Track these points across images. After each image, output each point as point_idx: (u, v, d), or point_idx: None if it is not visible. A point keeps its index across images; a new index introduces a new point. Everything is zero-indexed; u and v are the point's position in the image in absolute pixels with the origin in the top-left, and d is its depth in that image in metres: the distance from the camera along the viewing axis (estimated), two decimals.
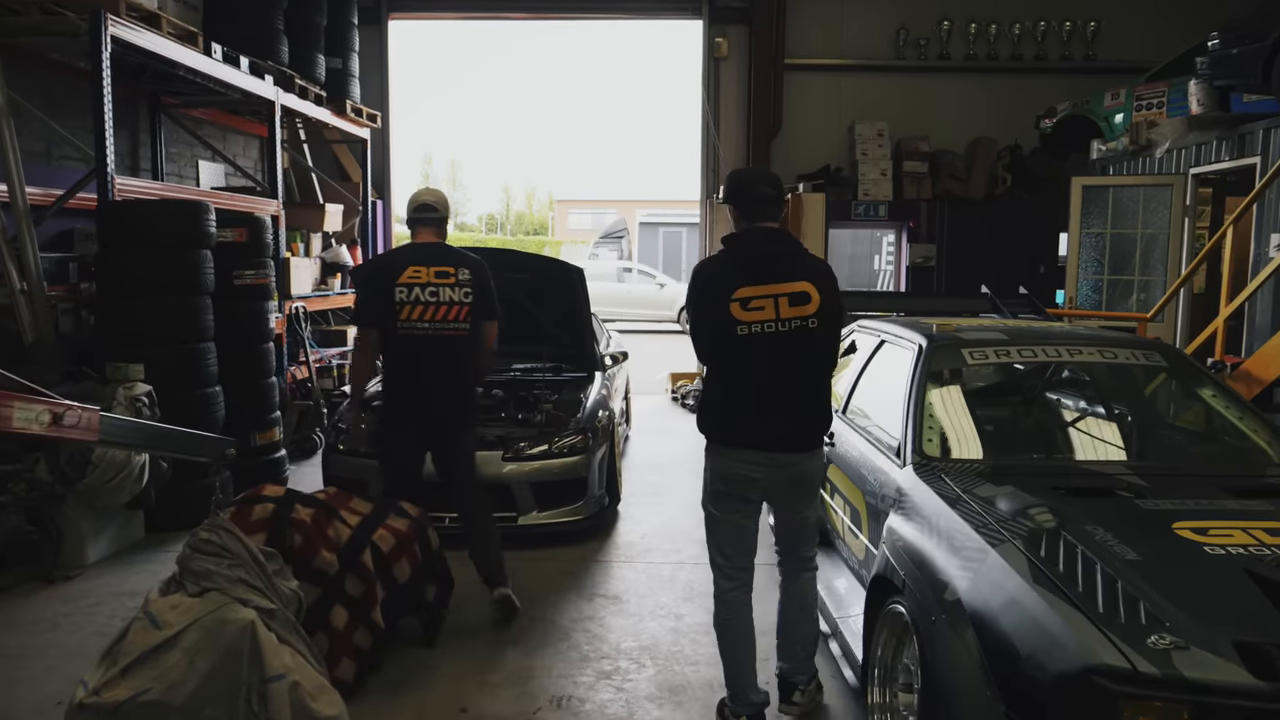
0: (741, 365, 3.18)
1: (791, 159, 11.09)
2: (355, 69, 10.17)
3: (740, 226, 3.30)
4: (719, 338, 3.18)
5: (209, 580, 2.56)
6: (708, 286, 3.22)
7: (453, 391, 4.20)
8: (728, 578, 3.32)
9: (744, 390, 3.20)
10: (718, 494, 3.27)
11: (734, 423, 3.22)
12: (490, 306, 4.27)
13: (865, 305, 7.37)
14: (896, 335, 4.35)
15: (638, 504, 6.35)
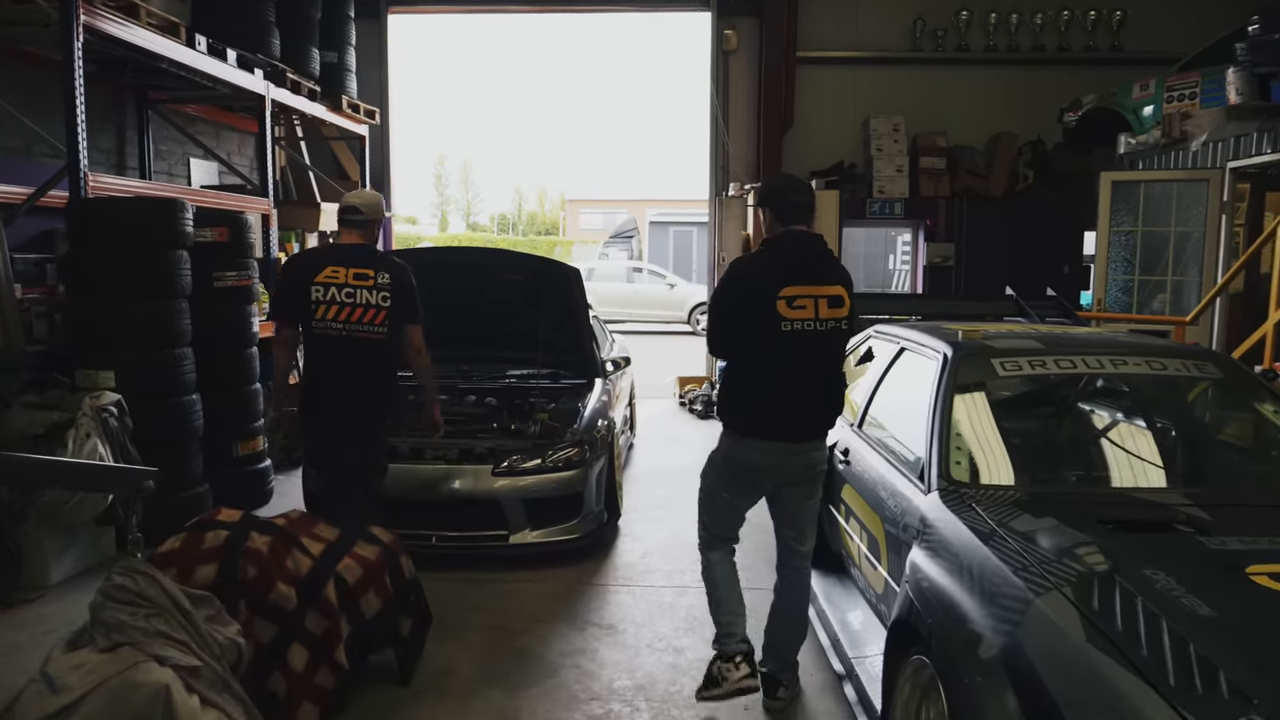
0: (779, 360, 3.30)
1: (804, 155, 10.70)
2: (352, 64, 9.83)
3: (774, 230, 3.41)
4: (758, 333, 3.28)
5: (121, 634, 2.22)
6: (753, 283, 3.33)
7: (363, 394, 4.17)
8: (714, 548, 3.58)
9: (777, 384, 3.32)
10: (729, 477, 3.45)
11: (762, 414, 3.35)
12: (411, 310, 4.24)
13: (881, 308, 6.98)
14: (918, 343, 3.97)
15: (640, 519, 5.98)
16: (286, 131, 10.66)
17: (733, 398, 3.45)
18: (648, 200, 39.40)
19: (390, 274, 4.18)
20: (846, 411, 4.44)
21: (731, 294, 3.38)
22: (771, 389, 3.33)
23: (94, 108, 7.63)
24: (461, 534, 5.02)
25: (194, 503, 5.58)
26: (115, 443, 4.83)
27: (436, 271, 5.60)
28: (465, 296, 5.74)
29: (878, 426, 3.98)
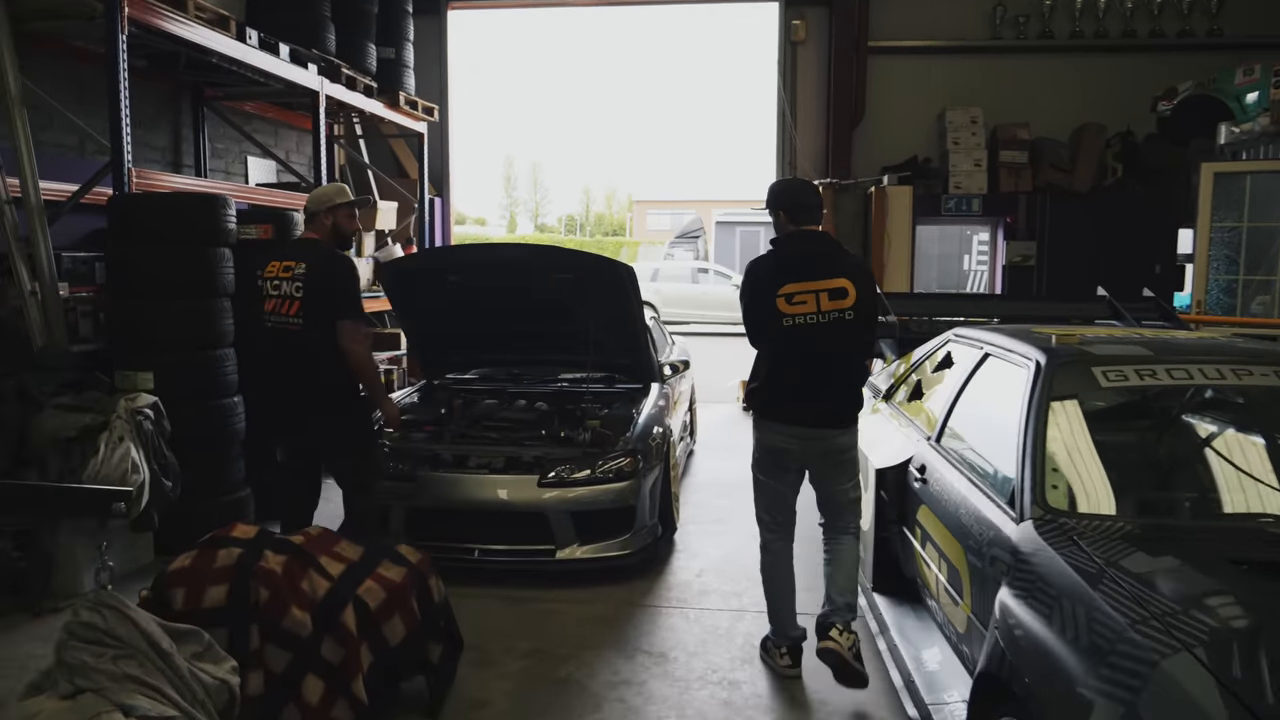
0: (786, 351, 3.59)
1: (875, 149, 10.22)
2: (410, 59, 9.67)
3: (786, 230, 3.67)
4: (767, 327, 3.59)
5: (84, 678, 1.97)
6: (760, 282, 3.62)
7: (289, 387, 4.14)
8: (771, 531, 3.79)
9: (787, 373, 3.61)
10: (762, 463, 3.74)
11: (777, 400, 3.64)
12: (330, 302, 4.04)
13: (958, 309, 6.53)
14: (1005, 348, 3.55)
15: (697, 533, 5.63)
16: (346, 130, 10.59)
17: (758, 385, 3.71)
18: (714, 201, 39.02)
19: (308, 263, 4.06)
20: (922, 424, 4.03)
21: (745, 292, 3.69)
22: (783, 378, 3.63)
23: (147, 104, 7.63)
24: (505, 548, 4.73)
25: (235, 507, 5.40)
26: (149, 446, 4.66)
27: (480, 270, 5.34)
28: (512, 296, 5.46)
29: (958, 441, 3.57)
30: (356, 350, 4.03)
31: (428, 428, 5.24)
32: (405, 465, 4.82)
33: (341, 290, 4.07)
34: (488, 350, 6.11)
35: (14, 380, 4.66)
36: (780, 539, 3.79)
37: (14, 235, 5.37)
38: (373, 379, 4.16)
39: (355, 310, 4.08)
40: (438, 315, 5.72)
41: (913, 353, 4.98)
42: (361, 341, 4.07)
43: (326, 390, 4.09)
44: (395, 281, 5.44)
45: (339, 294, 4.05)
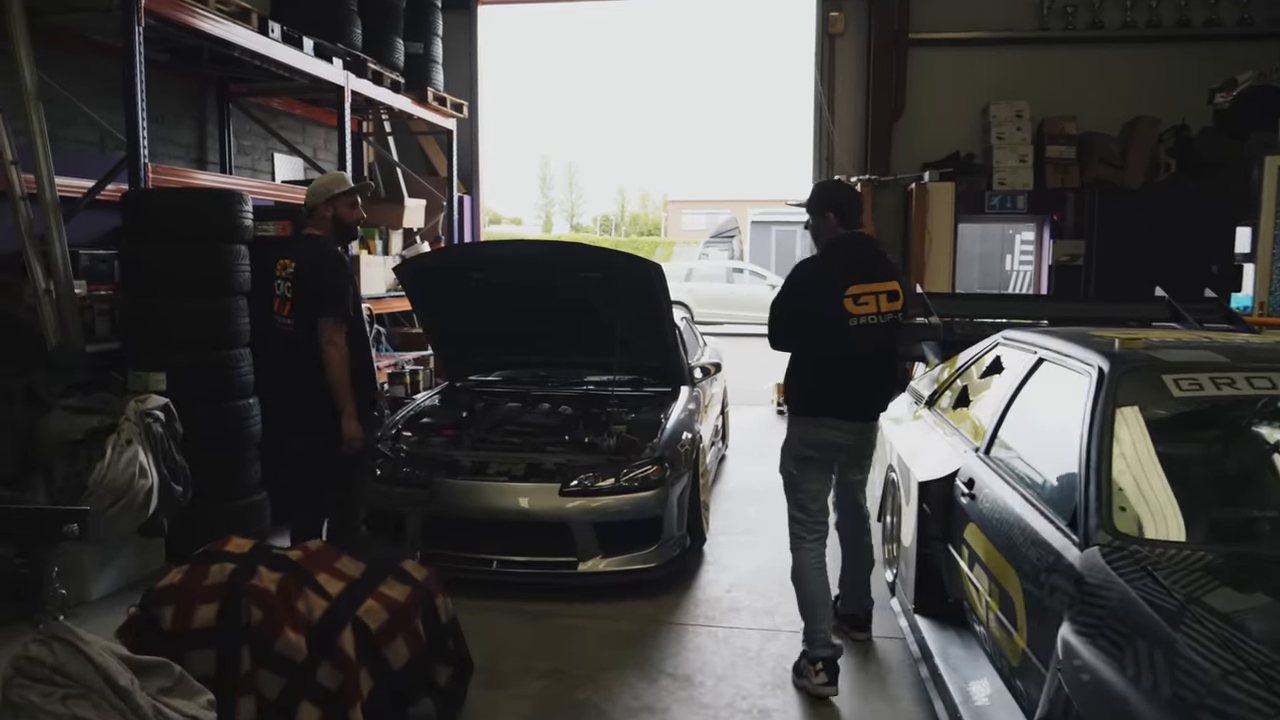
0: (846, 350, 3.63)
1: (916, 145, 9.87)
2: (439, 55, 9.50)
3: (836, 232, 3.72)
4: (826, 326, 3.60)
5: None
6: (820, 281, 3.65)
7: (286, 389, 4.10)
8: (810, 530, 3.76)
9: (845, 370, 3.66)
10: (804, 459, 3.73)
11: (832, 397, 3.68)
12: (315, 301, 3.88)
13: (1005, 311, 6.23)
14: (1062, 353, 3.26)
15: (727, 544, 5.37)
16: (375, 127, 10.46)
17: (807, 384, 3.74)
18: (750, 200, 38.67)
19: (298, 262, 3.97)
20: (969, 433, 3.75)
21: (802, 293, 3.67)
22: (844, 375, 3.67)
23: (171, 100, 7.52)
24: (525, 560, 4.51)
25: (249, 512, 5.25)
26: (159, 449, 4.50)
27: (502, 268, 5.13)
28: (536, 295, 5.25)
29: (1010, 454, 3.28)
30: (329, 350, 3.82)
31: (447, 432, 5.05)
32: (422, 471, 4.63)
33: (327, 287, 3.87)
34: (511, 351, 5.90)
35: (23, 381, 4.52)
36: (817, 539, 3.76)
37: (29, 232, 5.25)
38: (341, 385, 3.86)
39: (337, 308, 3.86)
40: (459, 315, 5.53)
41: (957, 356, 4.69)
42: (336, 342, 3.83)
43: (316, 393, 3.90)
44: (415, 280, 5.25)
45: (324, 291, 3.87)
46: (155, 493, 4.44)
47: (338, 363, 3.85)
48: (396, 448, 4.86)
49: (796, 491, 3.77)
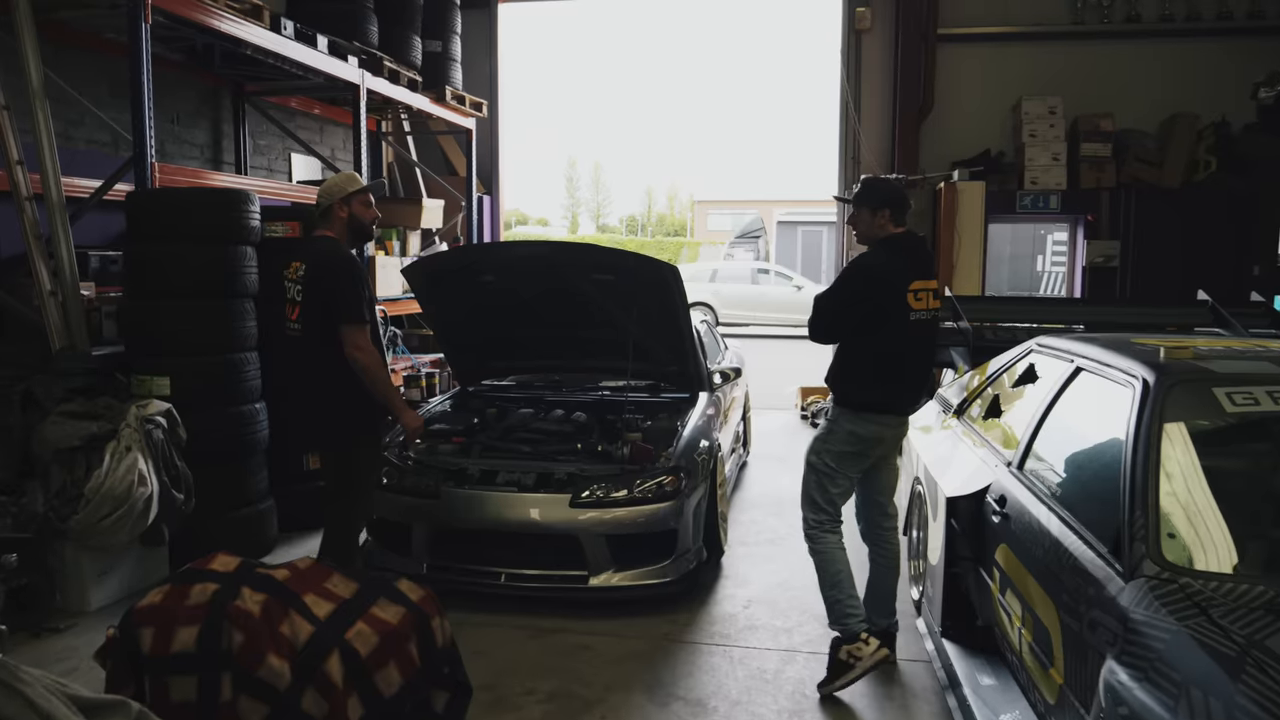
0: (905, 345, 3.69)
1: (944, 143, 9.62)
2: (457, 53, 9.39)
3: (887, 230, 3.71)
4: (890, 322, 3.62)
5: None
6: (886, 278, 3.63)
7: (299, 396, 3.90)
8: (834, 520, 3.76)
9: (901, 364, 3.71)
10: (845, 455, 3.70)
11: (886, 391, 3.70)
12: (327, 306, 3.70)
13: (1038, 315, 5.99)
14: (1102, 362, 3.04)
15: (746, 556, 5.18)
16: (394, 127, 10.36)
17: (865, 378, 3.69)
18: (776, 200, 38.44)
19: (306, 264, 3.80)
20: (1001, 446, 3.53)
21: (866, 288, 3.63)
22: (898, 370, 3.71)
23: (186, 101, 7.44)
24: (534, 573, 4.34)
25: (255, 522, 5.13)
26: (159, 456, 4.38)
27: (512, 270, 4.96)
28: (548, 298, 5.08)
29: (1046, 470, 3.07)
30: (361, 358, 3.64)
31: (457, 439, 4.89)
32: (429, 480, 4.47)
33: (337, 292, 3.66)
34: (525, 356, 5.74)
35: (22, 386, 4.41)
36: (838, 528, 3.76)
37: (34, 233, 5.17)
38: (385, 388, 3.73)
39: (355, 314, 3.66)
40: (470, 318, 5.37)
41: (988, 363, 4.47)
42: (366, 348, 3.66)
43: (321, 401, 3.77)
44: (423, 283, 5.10)
45: (336, 296, 3.65)
46: (155, 501, 4.32)
47: (369, 365, 3.67)
48: (404, 455, 4.71)
49: (829, 485, 3.72)
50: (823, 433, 3.76)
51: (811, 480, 3.76)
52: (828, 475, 3.72)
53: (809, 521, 3.77)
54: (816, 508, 3.75)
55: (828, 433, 3.73)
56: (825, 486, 3.73)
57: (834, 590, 3.68)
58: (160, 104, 7.15)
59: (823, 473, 3.73)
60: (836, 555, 3.72)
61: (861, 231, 3.76)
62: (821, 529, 3.74)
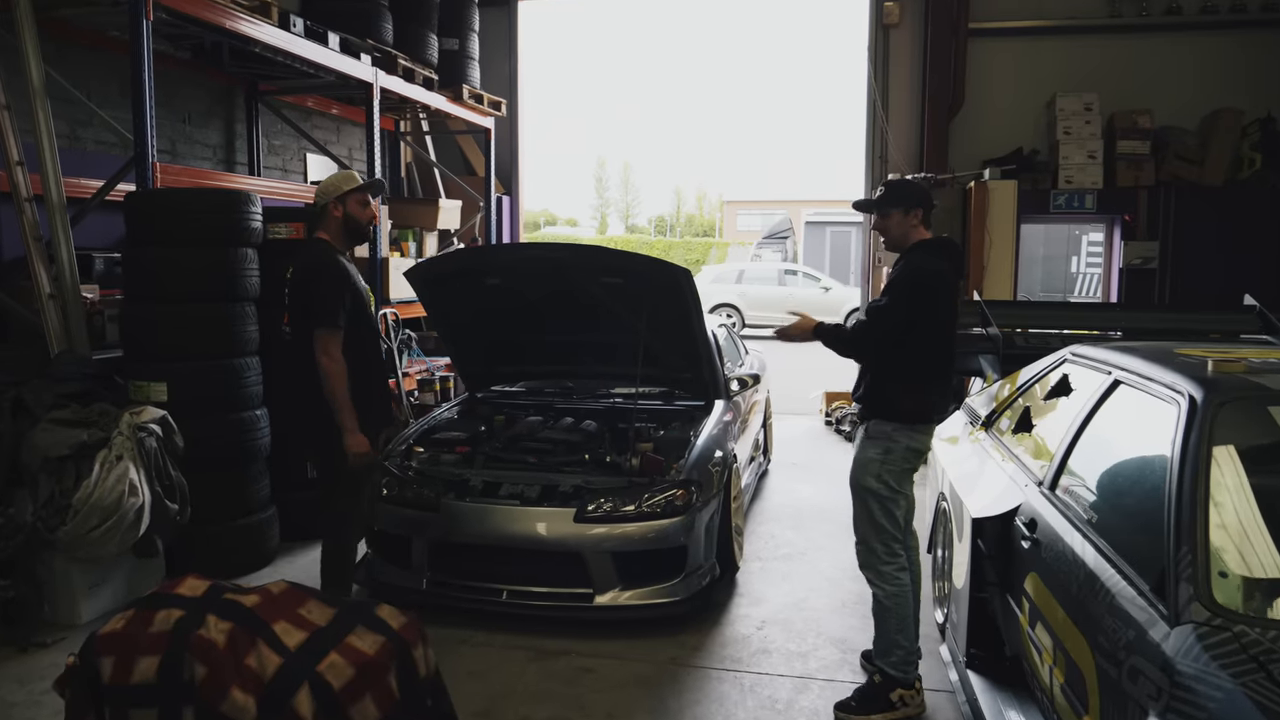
0: (952, 352, 3.60)
1: (975, 141, 9.31)
2: (475, 51, 9.24)
3: (920, 233, 3.56)
4: (946, 329, 3.52)
5: None
6: (948, 284, 3.53)
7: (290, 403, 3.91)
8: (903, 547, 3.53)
9: (949, 372, 3.66)
10: (906, 473, 3.50)
11: (939, 402, 3.62)
12: (306, 310, 3.66)
13: (1073, 320, 5.71)
14: (1143, 375, 2.79)
15: (761, 573, 4.95)
16: (413, 127, 10.24)
17: (916, 388, 3.49)
18: (805, 200, 38.14)
19: (294, 267, 3.81)
20: (1031, 463, 3.29)
21: (938, 298, 3.47)
22: (947, 377, 3.64)
23: (198, 100, 7.34)
24: (537, 591, 4.15)
25: (256, 531, 4.99)
26: (152, 466, 4.24)
27: (518, 272, 4.77)
28: (557, 301, 4.90)
29: (1080, 492, 2.82)
30: (325, 365, 3.57)
31: (460, 449, 4.71)
32: (429, 491, 4.29)
33: (314, 297, 3.63)
34: (534, 361, 5.55)
35: (12, 392, 4.29)
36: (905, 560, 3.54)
37: (34, 235, 5.06)
38: (337, 398, 3.59)
39: (328, 320, 3.59)
40: (476, 322, 5.19)
41: (1019, 372, 4.21)
42: (330, 354, 3.57)
43: (307, 407, 3.68)
44: (425, 286, 4.92)
45: (312, 301, 3.63)
46: (147, 512, 4.18)
47: (331, 375, 3.58)
48: (405, 465, 4.54)
49: (894, 509, 3.49)
50: (877, 453, 3.46)
51: (876, 508, 3.48)
52: (891, 499, 3.47)
53: (879, 554, 3.48)
54: (887, 536, 3.48)
55: (885, 452, 3.45)
56: (891, 511, 3.48)
57: (900, 635, 3.44)
58: (171, 104, 7.09)
59: (886, 497, 3.47)
60: (908, 596, 3.49)
61: (893, 236, 3.56)
62: (896, 563, 3.48)
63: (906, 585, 3.49)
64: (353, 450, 3.62)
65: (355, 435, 3.62)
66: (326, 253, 3.76)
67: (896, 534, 3.50)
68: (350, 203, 3.83)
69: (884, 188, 3.64)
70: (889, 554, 3.49)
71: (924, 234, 3.54)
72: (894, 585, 3.47)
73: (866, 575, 3.59)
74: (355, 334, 3.73)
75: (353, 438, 3.62)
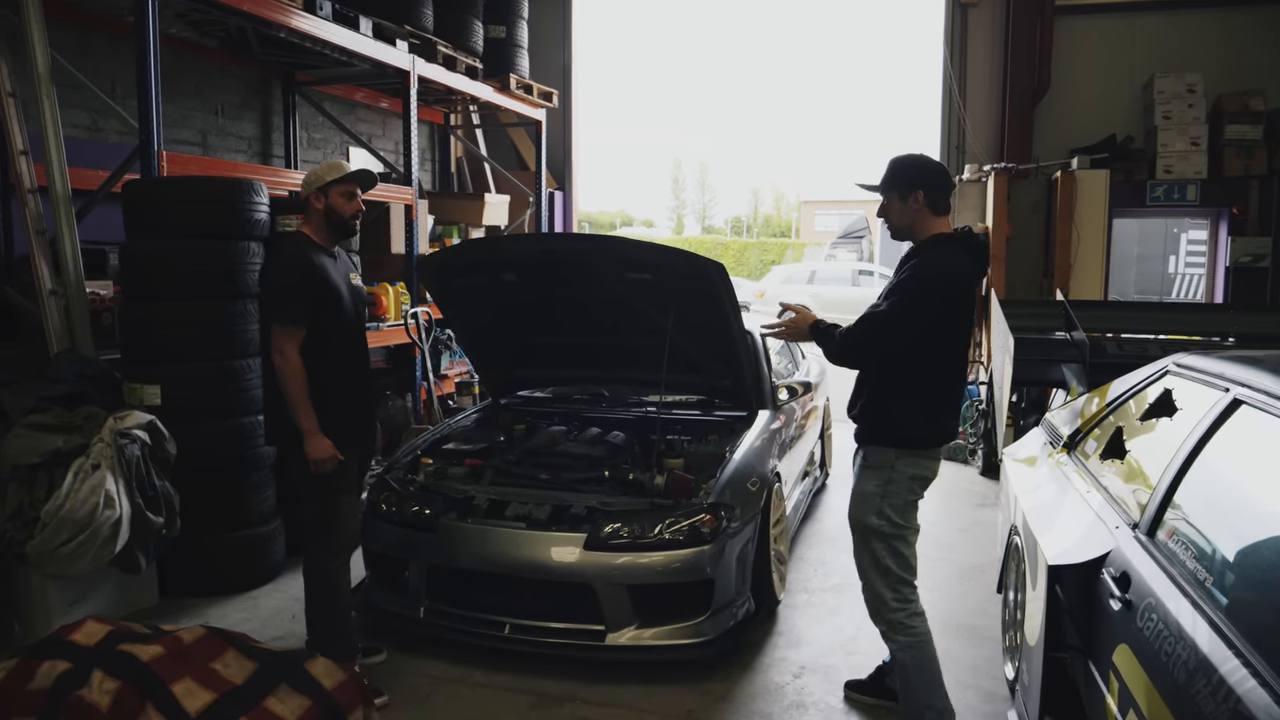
0: (964, 365, 3.17)
1: (1062, 127, 8.56)
2: (524, 39, 8.82)
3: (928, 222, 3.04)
4: (957, 340, 3.06)
5: None
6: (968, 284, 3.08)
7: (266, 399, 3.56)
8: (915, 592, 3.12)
9: (960, 388, 3.22)
10: (910, 505, 3.08)
11: (950, 422, 3.14)
12: (267, 304, 3.45)
13: (1174, 325, 4.98)
14: (1274, 394, 2.17)
15: (805, 607, 4.39)
16: (463, 120, 9.91)
17: (923, 408, 3.02)
18: None
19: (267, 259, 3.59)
20: (1123, 498, 2.69)
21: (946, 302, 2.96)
22: (959, 396, 3.20)
23: (232, 91, 7.07)
24: (544, 626, 3.67)
25: (257, 544, 4.64)
26: (133, 475, 3.90)
27: (536, 266, 4.30)
28: (583, 300, 4.43)
29: (1189, 541, 2.21)
30: (278, 363, 3.30)
31: (470, 461, 4.27)
32: (429, 509, 3.86)
33: (272, 289, 3.41)
34: (560, 365, 5.07)
35: None
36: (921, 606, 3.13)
37: (36, 228, 4.81)
38: (295, 401, 3.29)
39: (281, 316, 3.32)
40: (494, 322, 4.74)
41: (1109, 385, 3.58)
42: (283, 351, 3.29)
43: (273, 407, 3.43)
44: (435, 281, 4.49)
45: (269, 294, 3.42)
46: (125, 525, 3.84)
47: (285, 374, 3.30)
48: (407, 478, 4.12)
49: (902, 547, 3.07)
50: (876, 486, 3.04)
51: (880, 549, 3.05)
52: (898, 536, 3.05)
53: (889, 604, 3.06)
54: (897, 580, 3.06)
55: (885, 483, 3.03)
56: (899, 550, 3.06)
57: (931, 695, 3.02)
58: (203, 95, 6.85)
59: (891, 535, 3.05)
60: (927, 644, 3.06)
61: (895, 224, 3.09)
62: (909, 609, 3.07)
63: (923, 632, 3.07)
64: (313, 455, 3.30)
65: (315, 438, 3.30)
66: (298, 246, 3.43)
67: (906, 575, 3.09)
68: (333, 194, 3.47)
69: (886, 166, 3.09)
70: (899, 599, 3.08)
71: (939, 224, 3.04)
72: (908, 635, 3.06)
73: (879, 628, 3.15)
74: (324, 334, 3.37)
75: (311, 440, 3.29)
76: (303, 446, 3.30)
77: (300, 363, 3.29)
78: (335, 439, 3.33)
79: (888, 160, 3.13)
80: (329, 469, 3.33)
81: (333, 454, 3.32)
